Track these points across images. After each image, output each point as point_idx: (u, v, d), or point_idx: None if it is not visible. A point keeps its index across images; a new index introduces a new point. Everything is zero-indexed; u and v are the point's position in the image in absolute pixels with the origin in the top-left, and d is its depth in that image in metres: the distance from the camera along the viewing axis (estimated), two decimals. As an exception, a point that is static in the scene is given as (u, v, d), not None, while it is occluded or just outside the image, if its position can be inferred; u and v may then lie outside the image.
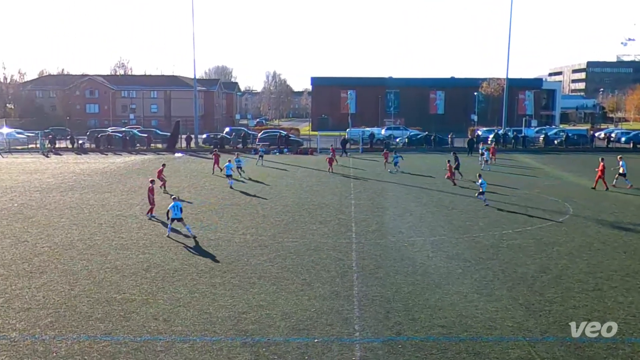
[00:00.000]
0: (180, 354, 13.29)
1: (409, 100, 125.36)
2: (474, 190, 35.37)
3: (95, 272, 19.57)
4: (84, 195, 35.98)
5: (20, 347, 13.71)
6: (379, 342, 14.02)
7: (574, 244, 23.54)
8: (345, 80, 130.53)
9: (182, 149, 71.99)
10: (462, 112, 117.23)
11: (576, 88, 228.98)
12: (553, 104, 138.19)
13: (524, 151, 70.79)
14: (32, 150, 73.37)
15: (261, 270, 19.77)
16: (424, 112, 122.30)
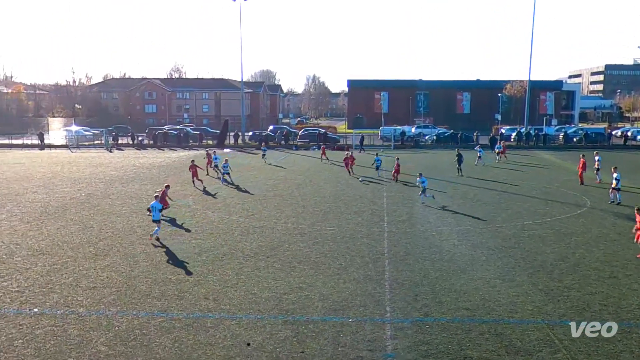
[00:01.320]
0: (228, 330, 13.41)
1: (437, 101, 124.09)
2: (497, 185, 34.93)
3: (152, 255, 19.86)
4: (142, 186, 36.52)
5: (86, 321, 14.00)
6: (408, 322, 13.95)
7: (591, 234, 23.06)
8: (379, 83, 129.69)
9: (230, 145, 72.53)
10: (486, 112, 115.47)
11: (594, 89, 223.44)
12: (572, 104, 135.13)
13: (545, 148, 69.47)
14: (97, 146, 74.72)
15: (301, 256, 19.83)
16: (451, 111, 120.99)
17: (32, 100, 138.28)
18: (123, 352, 12.25)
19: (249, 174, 42.90)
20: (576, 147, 68.89)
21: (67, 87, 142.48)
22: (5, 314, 14.44)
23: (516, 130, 77.81)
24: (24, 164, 51.28)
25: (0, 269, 18.16)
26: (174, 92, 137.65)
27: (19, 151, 68.19)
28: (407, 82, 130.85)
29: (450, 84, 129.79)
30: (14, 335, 13.10)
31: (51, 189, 35.16)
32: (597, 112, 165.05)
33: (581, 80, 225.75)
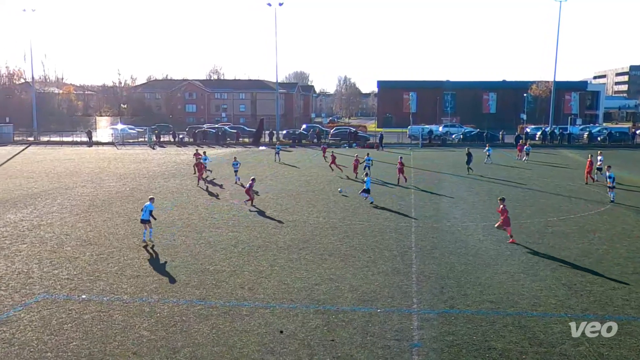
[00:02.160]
0: (262, 318, 13.50)
1: (464, 101, 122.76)
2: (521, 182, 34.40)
3: (192, 247, 20.08)
4: (183, 181, 36.94)
5: (130, 308, 14.23)
6: (434, 313, 13.86)
7: (615, 231, 22.56)
8: (408, 84, 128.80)
9: (265, 143, 72.87)
10: (512, 111, 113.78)
11: (619, 90, 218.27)
12: (597, 104, 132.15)
13: (569, 147, 68.20)
14: (141, 143, 75.80)
15: (332, 249, 19.83)
16: (477, 111, 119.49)
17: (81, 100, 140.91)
18: (164, 337, 12.43)
19: (283, 171, 43.06)
20: (600, 146, 67.47)
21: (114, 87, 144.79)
22: (56, 299, 14.77)
23: (541, 130, 76.56)
24: (73, 160, 52.34)
25: (52, 258, 18.58)
26: (213, 92, 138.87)
27: (69, 148, 69.61)
28: (435, 82, 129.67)
29: (477, 85, 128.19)
30: (64, 319, 13.39)
31: (98, 184, 35.81)
32: (621, 112, 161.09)
33: (606, 81, 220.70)
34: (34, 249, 19.67)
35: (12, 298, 14.80)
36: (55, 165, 47.34)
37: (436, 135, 76.24)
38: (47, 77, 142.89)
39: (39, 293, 15.20)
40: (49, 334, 12.52)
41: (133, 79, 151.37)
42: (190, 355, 11.53)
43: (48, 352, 11.62)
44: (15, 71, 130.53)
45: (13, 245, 20.17)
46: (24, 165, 47.97)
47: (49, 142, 77.86)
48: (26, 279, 16.39)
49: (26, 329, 12.80)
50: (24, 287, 15.68)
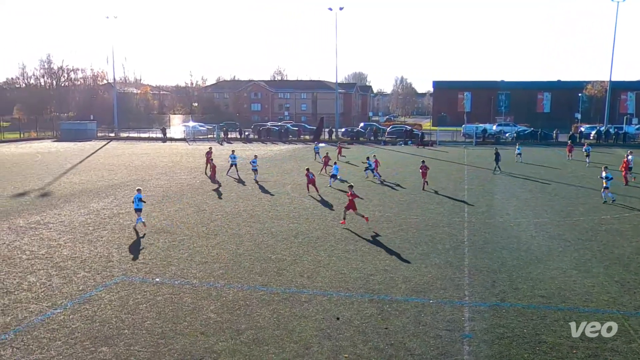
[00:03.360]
0: (320, 305, 13.56)
1: (518, 101, 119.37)
2: (575, 180, 33.19)
3: (255, 236, 20.37)
4: (248, 175, 37.50)
5: (199, 291, 14.58)
6: (485, 306, 13.57)
7: (670, 230, 21.44)
8: (463, 84, 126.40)
9: (325, 140, 73.09)
10: (566, 111, 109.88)
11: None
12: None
13: (624, 146, 65.11)
14: (210, 140, 77.41)
15: (386, 241, 19.71)
16: (531, 110, 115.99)
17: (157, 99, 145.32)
18: (229, 319, 12.67)
19: (341, 166, 43.05)
20: (657, 146, 64.27)
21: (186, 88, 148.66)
22: (133, 282, 15.30)
23: (595, 129, 73.58)
24: (149, 155, 54.05)
25: (129, 243, 19.24)
26: (276, 92, 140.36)
27: (145, 143, 71.89)
28: (489, 83, 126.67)
29: (531, 85, 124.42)
30: (139, 300, 13.85)
31: (171, 176, 36.84)
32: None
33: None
34: (114, 235, 20.44)
35: (94, 279, 15.44)
36: (133, 159, 49.02)
37: (490, 134, 74.46)
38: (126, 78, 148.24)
39: (117, 275, 15.79)
40: (126, 313, 12.99)
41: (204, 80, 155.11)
42: (253, 337, 11.72)
43: (125, 330, 12.06)
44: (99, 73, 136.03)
45: (96, 232, 21.03)
46: (105, 158, 49.91)
47: (128, 138, 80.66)
48: (107, 262, 17.06)
49: (106, 308, 13.32)
50: (104, 269, 16.33)
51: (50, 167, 42.70)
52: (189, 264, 16.94)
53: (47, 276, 15.64)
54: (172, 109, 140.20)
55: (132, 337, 11.69)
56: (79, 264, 16.77)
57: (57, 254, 17.86)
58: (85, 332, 11.88)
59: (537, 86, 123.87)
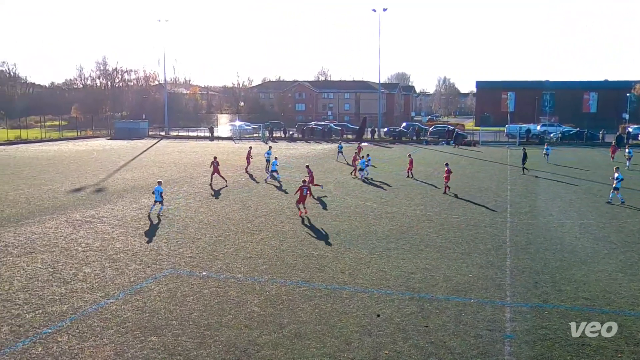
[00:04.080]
0: (361, 302, 13.53)
1: (563, 101, 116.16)
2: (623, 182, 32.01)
3: (298, 233, 20.47)
4: (292, 173, 37.73)
5: (243, 285, 14.76)
6: (527, 307, 13.25)
7: None
8: (506, 84, 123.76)
9: (367, 140, 72.85)
10: (613, 111, 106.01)
11: None
12: None
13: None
14: (256, 139, 78.18)
15: (428, 240, 19.50)
16: (577, 111, 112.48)
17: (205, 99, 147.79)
18: (272, 313, 12.78)
19: (383, 165, 42.85)
20: None
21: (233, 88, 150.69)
22: (181, 275, 15.61)
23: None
24: (197, 153, 55.02)
25: (178, 238, 19.66)
26: (320, 92, 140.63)
27: (194, 142, 73.20)
28: (534, 82, 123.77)
29: (577, 85, 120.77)
30: (187, 292, 14.13)
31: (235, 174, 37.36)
32: None
33: None
34: (163, 230, 20.91)
35: (144, 271, 15.83)
36: (182, 157, 50.01)
37: (534, 134, 72.67)
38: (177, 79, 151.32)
39: (166, 268, 16.14)
40: (174, 305, 13.26)
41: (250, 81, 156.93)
42: (295, 331, 11.79)
43: (173, 320, 12.32)
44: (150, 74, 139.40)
45: (146, 226, 21.55)
46: (156, 156, 51.07)
47: (177, 137, 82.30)
48: (156, 255, 17.46)
49: (155, 299, 13.64)
50: (154, 262, 16.72)
51: (104, 164, 44.00)
52: (234, 258, 17.16)
53: (101, 268, 16.13)
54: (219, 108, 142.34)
55: (180, 327, 11.93)
56: (131, 257, 17.23)
57: (111, 247, 18.40)
58: (135, 322, 12.20)
59: (583, 86, 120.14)
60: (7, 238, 19.53)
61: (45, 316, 12.49)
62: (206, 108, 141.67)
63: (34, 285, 14.55)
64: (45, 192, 29.78)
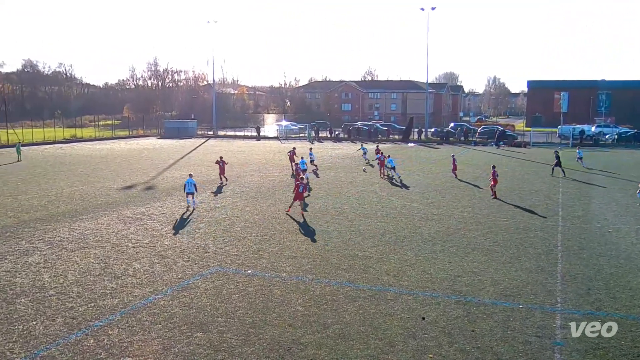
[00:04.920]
0: (405, 304, 13.41)
1: (620, 101, 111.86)
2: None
3: (343, 233, 20.46)
4: (337, 173, 37.77)
5: (288, 284, 14.87)
6: (579, 314, 12.83)
7: None
8: (559, 83, 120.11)
9: (414, 140, 72.17)
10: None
11: None
12: None
13: None
14: (302, 138, 78.64)
15: (475, 243, 19.15)
16: (636, 111, 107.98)
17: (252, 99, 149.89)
18: (316, 313, 12.82)
19: (430, 167, 42.38)
20: None
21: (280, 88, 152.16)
22: (227, 272, 15.86)
23: None
24: (244, 152, 55.77)
25: (224, 236, 19.98)
26: (367, 92, 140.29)
27: (241, 141, 74.27)
28: (588, 82, 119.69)
29: (636, 84, 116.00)
30: (233, 290, 14.33)
31: (264, 173, 37.83)
32: None
33: None
34: (210, 228, 21.29)
35: (191, 268, 16.15)
36: (229, 156, 50.70)
37: (588, 136, 70.31)
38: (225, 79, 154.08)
39: (213, 266, 16.43)
40: (220, 302, 13.48)
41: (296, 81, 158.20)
42: (339, 332, 11.79)
43: (219, 317, 12.52)
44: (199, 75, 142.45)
45: (194, 224, 22.00)
46: (204, 155, 52.05)
47: (225, 136, 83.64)
48: (203, 252, 17.80)
49: (202, 296, 13.90)
50: (201, 259, 17.05)
51: (154, 163, 45.17)
52: (279, 257, 17.30)
53: (150, 264, 16.56)
54: (266, 108, 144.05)
55: (225, 324, 12.12)
56: (179, 254, 17.62)
57: (160, 244, 18.87)
58: (182, 318, 12.47)
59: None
60: (63, 233, 20.31)
61: (97, 309, 12.92)
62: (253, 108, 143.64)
63: (86, 279, 15.07)
64: (98, 189, 30.81)
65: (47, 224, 21.85)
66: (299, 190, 23.92)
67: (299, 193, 23.91)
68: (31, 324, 12.06)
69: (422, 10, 75.68)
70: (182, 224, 21.86)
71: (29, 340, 11.25)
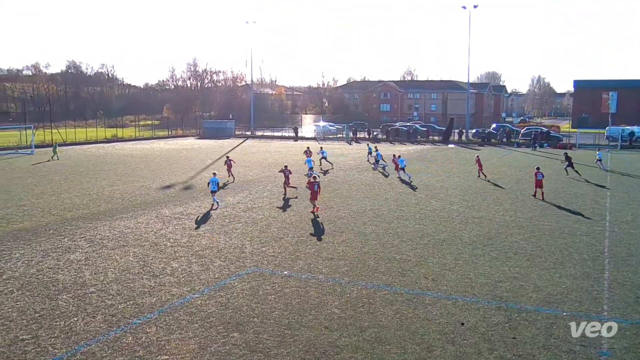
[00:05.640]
0: (444, 309, 13.25)
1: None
2: None
3: (381, 236, 20.37)
4: (375, 175, 37.60)
5: (324, 286, 14.88)
6: (627, 323, 12.42)
7: None
8: (607, 83, 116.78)
9: (454, 141, 71.28)
10: None
11: None
12: None
13: None
14: (339, 139, 78.65)
15: (517, 247, 18.78)
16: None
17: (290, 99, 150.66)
18: (352, 315, 12.80)
19: (470, 169, 41.75)
20: None
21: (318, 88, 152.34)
22: (263, 273, 15.98)
23: None
24: (281, 152, 56.12)
25: (261, 237, 20.14)
26: (406, 92, 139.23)
27: (278, 142, 74.75)
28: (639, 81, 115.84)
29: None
30: (269, 291, 14.44)
31: (301, 174, 37.93)
32: None
33: None
34: (247, 228, 21.50)
35: (228, 268, 16.35)
36: (266, 157, 51.20)
37: (638, 137, 68.04)
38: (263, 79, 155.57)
39: (249, 266, 16.58)
40: (256, 302, 13.60)
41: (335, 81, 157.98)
42: (375, 335, 11.73)
43: (255, 318, 12.63)
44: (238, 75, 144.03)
45: (231, 224, 22.26)
46: (242, 155, 52.58)
47: (262, 137, 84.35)
48: (240, 253, 17.99)
49: (238, 296, 14.05)
50: (238, 259, 17.23)
51: (193, 163, 45.91)
52: (316, 259, 17.34)
53: (187, 263, 16.84)
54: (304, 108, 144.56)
55: (261, 325, 12.22)
56: (216, 253, 17.85)
57: (197, 243, 19.16)
58: (219, 317, 12.63)
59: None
60: (103, 231, 20.85)
61: (135, 307, 13.21)
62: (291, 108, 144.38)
63: (126, 277, 15.43)
64: (137, 188, 31.51)
65: (89, 222, 22.47)
66: (314, 189, 24.42)
67: (314, 192, 24.42)
68: (72, 320, 12.42)
69: (464, 8, 74.71)
70: (220, 224, 22.14)
71: (70, 336, 11.59)
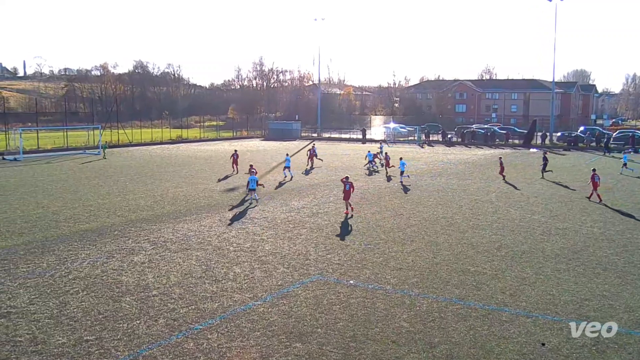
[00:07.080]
0: (523, 327, 12.83)
1: None
2: None
3: (454, 246, 20.01)
4: (449, 180, 37.00)
5: (392, 298, 14.76)
6: None
7: None
8: None
9: (537, 145, 69.03)
10: None
11: None
12: None
13: None
14: (411, 142, 77.91)
15: (606, 262, 17.94)
16: None
17: (359, 100, 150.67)
18: (422, 330, 12.63)
19: (555, 175, 40.31)
20: None
21: (388, 88, 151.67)
22: (328, 281, 16.04)
23: None
24: (348, 155, 56.22)
25: (326, 243, 20.22)
26: (484, 92, 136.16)
27: (345, 144, 74.95)
28: None
29: None
30: (333, 301, 14.47)
31: (369, 178, 37.93)
32: None
33: None
34: (312, 234, 21.66)
35: (292, 276, 16.52)
36: (333, 160, 51.40)
37: None
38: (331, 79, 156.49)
39: (314, 274, 16.69)
40: (320, 312, 13.66)
41: (407, 80, 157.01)
42: (447, 352, 11.52)
43: (318, 328, 12.70)
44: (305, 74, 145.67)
45: (295, 229, 22.49)
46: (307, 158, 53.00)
47: (329, 139, 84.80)
48: (304, 260, 18.14)
49: (302, 305, 14.16)
50: (302, 267, 17.38)
51: (257, 165, 46.68)
52: (384, 269, 17.24)
53: (250, 269, 17.15)
54: (373, 109, 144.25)
55: (325, 336, 12.26)
56: (279, 260, 18.09)
57: (260, 248, 19.49)
58: (281, 326, 12.77)
59: None
60: (167, 234, 21.58)
61: (197, 312, 13.58)
62: (360, 109, 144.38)
63: (188, 282, 15.90)
64: (201, 190, 32.42)
65: (153, 224, 23.32)
66: (346, 189, 25.30)
67: (347, 191, 25.29)
68: (135, 322, 12.91)
69: (550, 1, 72.27)
70: (284, 229, 22.41)
71: (132, 339, 12.06)
